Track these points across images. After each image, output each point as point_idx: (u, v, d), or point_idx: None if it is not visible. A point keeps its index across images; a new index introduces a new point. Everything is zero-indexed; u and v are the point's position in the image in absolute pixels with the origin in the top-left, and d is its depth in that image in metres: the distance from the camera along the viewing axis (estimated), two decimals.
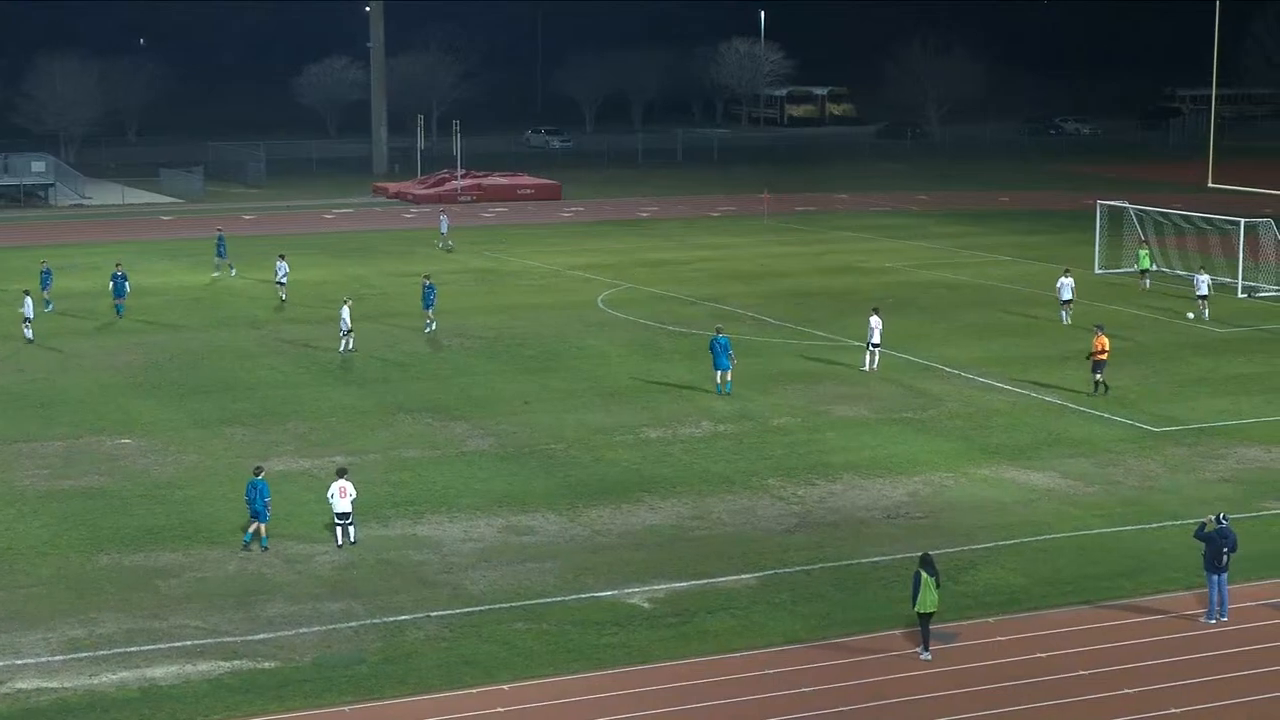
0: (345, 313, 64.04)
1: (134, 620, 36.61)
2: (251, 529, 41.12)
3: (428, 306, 68.31)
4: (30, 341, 65.75)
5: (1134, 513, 44.32)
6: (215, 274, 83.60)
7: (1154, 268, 79.43)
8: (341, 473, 41.72)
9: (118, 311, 71.27)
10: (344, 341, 63.91)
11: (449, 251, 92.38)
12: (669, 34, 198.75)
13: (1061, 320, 68.96)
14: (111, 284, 71.94)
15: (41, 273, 74.77)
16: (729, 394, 56.50)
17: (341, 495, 41.09)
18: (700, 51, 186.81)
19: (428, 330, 67.56)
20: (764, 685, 33.17)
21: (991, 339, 66.76)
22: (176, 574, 39.54)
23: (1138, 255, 79.98)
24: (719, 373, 57.00)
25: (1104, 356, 56.33)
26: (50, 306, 72.44)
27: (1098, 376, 56.46)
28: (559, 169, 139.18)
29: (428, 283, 69.14)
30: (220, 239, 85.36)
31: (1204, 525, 36.75)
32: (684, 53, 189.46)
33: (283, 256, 76.97)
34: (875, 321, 60.45)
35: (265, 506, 40.95)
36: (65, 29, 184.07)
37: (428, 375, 60.82)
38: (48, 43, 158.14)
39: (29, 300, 66.76)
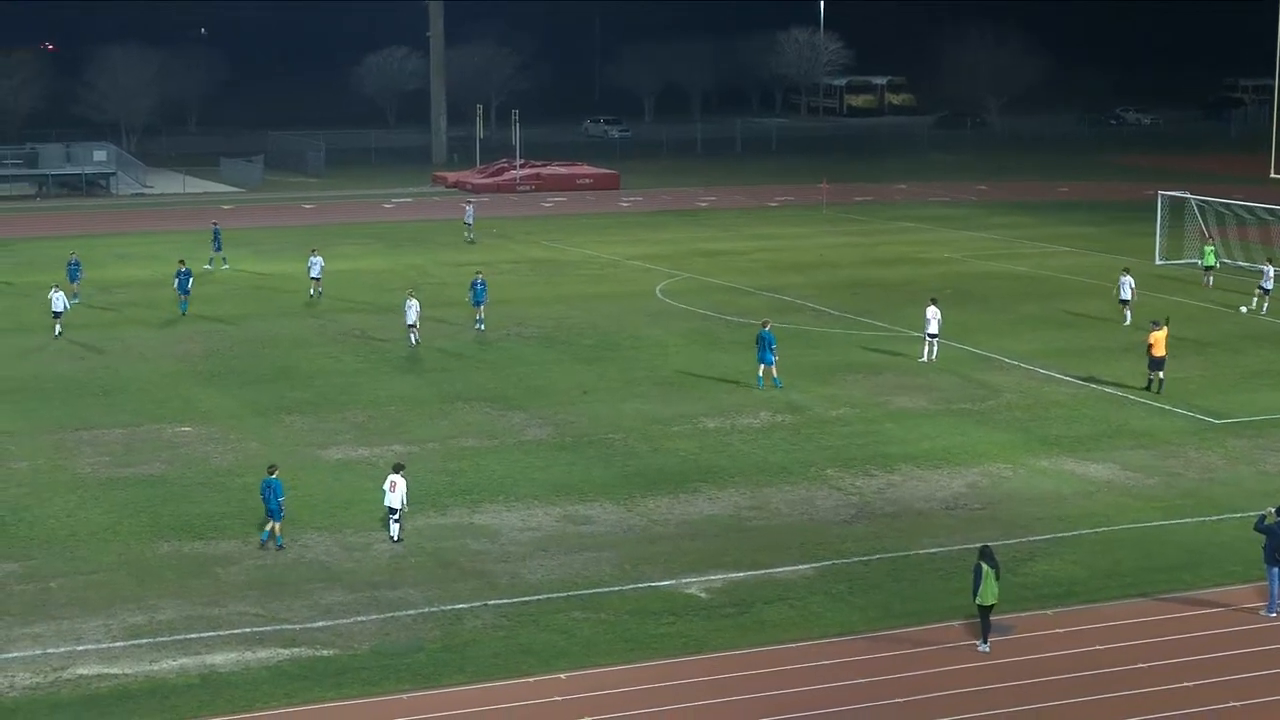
0: (410, 307, 63.31)
1: (194, 607, 36.84)
2: (268, 527, 40.80)
3: (478, 303, 66.99)
4: (58, 337, 64.83)
5: (1193, 505, 44.13)
6: (208, 266, 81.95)
7: (1218, 265, 78.60)
8: (398, 468, 41.72)
9: (181, 309, 70.14)
10: (411, 335, 63.26)
11: (471, 243, 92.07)
12: (727, 24, 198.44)
13: (1124, 320, 67.33)
14: (176, 280, 70.73)
15: (69, 265, 74.01)
16: (778, 388, 56.33)
17: (392, 490, 41.10)
18: (759, 42, 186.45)
19: (478, 328, 66.60)
20: (821, 676, 33.17)
21: (1051, 330, 66.52)
22: (236, 561, 39.77)
23: (1202, 251, 78.91)
24: (763, 366, 56.90)
25: (1160, 353, 55.66)
26: (76, 299, 70.96)
27: (1159, 374, 55.71)
28: (617, 159, 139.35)
29: (479, 279, 67.86)
30: (216, 231, 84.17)
31: (1264, 518, 36.55)
32: (742, 43, 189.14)
33: (315, 251, 76.06)
34: (933, 312, 60.28)
35: (280, 505, 40.51)
36: (126, 20, 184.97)
37: (486, 365, 60.96)
38: (108, 34, 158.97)
39: (59, 294, 65.79)
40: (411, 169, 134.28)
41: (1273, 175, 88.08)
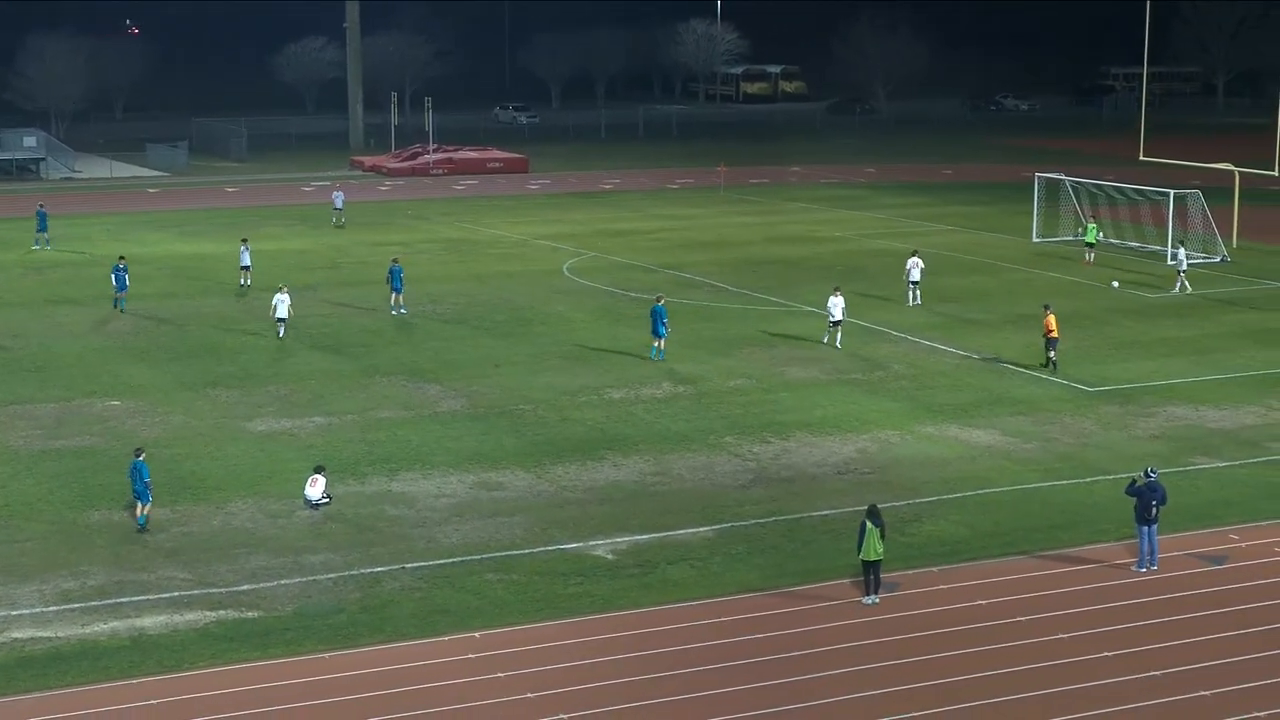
0: (279, 301, 59.89)
1: (124, 573, 36.57)
2: (140, 511, 39.63)
3: (397, 289, 64.91)
4: None
5: (1069, 468, 44.54)
6: (35, 247, 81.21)
7: (1098, 241, 79.03)
8: (319, 469, 41.75)
9: (118, 305, 65.55)
10: (280, 329, 60.03)
11: (340, 227, 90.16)
12: (631, 14, 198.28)
13: (908, 301, 66.34)
14: (113, 277, 65.89)
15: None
16: (661, 360, 56.07)
17: (312, 485, 41.14)
18: (660, 32, 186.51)
19: (395, 313, 64.55)
20: (721, 631, 33.30)
21: (935, 304, 66.79)
22: (164, 529, 39.46)
23: (1086, 229, 79.58)
24: (657, 340, 56.70)
25: (1054, 334, 55.05)
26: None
27: (1050, 354, 55.14)
28: (526, 144, 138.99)
29: (395, 264, 65.94)
30: (41, 213, 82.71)
31: (1134, 481, 36.95)
32: (645, 33, 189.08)
33: (245, 241, 73.01)
34: (835, 300, 58.54)
35: (146, 487, 39.50)
36: (55, 9, 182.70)
37: (402, 340, 60.74)
38: (38, 22, 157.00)
39: None
40: (330, 153, 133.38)
41: (1141, 158, 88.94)
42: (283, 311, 59.89)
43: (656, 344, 56.64)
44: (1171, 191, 79.16)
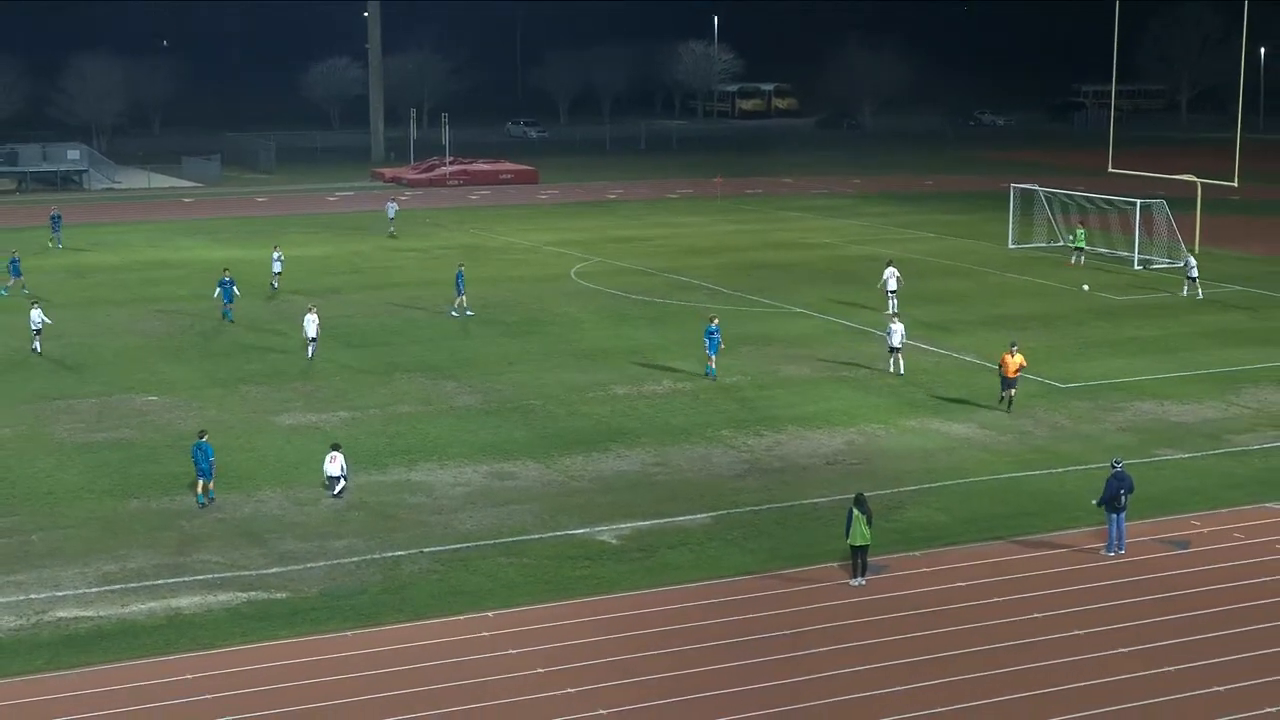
0: (309, 321, 57.00)
1: (161, 556, 36.59)
2: (200, 488, 40.18)
3: (459, 292, 64.57)
4: (38, 353, 57.47)
5: (1043, 459, 44.53)
6: (58, 246, 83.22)
7: (1085, 246, 79.10)
8: (335, 447, 41.74)
9: (226, 316, 63.82)
10: (310, 348, 57.35)
11: (393, 236, 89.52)
12: (634, 34, 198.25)
13: (887, 309, 63.66)
14: (219, 290, 64.38)
15: (11, 262, 69.22)
16: (713, 378, 53.59)
17: (331, 462, 41.13)
18: (661, 51, 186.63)
19: (455, 314, 64.31)
20: (718, 611, 33.30)
21: (918, 305, 66.67)
22: (199, 515, 39.47)
23: (1075, 234, 79.64)
24: (711, 357, 53.94)
25: (1014, 374, 49.27)
26: (5, 293, 67.63)
27: (1010, 392, 49.38)
28: (536, 156, 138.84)
29: (461, 268, 66.12)
30: (55, 217, 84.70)
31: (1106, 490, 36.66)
32: (647, 51, 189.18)
33: (277, 247, 73.35)
34: (896, 326, 54.93)
35: (210, 465, 39.89)
36: (95, 30, 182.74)
37: (421, 339, 60.72)
38: (79, 43, 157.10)
39: (37, 312, 58.04)
40: (353, 165, 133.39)
41: (1110, 170, 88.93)
42: (312, 331, 57.15)
43: (711, 361, 54.35)
44: (1138, 201, 79.20)
